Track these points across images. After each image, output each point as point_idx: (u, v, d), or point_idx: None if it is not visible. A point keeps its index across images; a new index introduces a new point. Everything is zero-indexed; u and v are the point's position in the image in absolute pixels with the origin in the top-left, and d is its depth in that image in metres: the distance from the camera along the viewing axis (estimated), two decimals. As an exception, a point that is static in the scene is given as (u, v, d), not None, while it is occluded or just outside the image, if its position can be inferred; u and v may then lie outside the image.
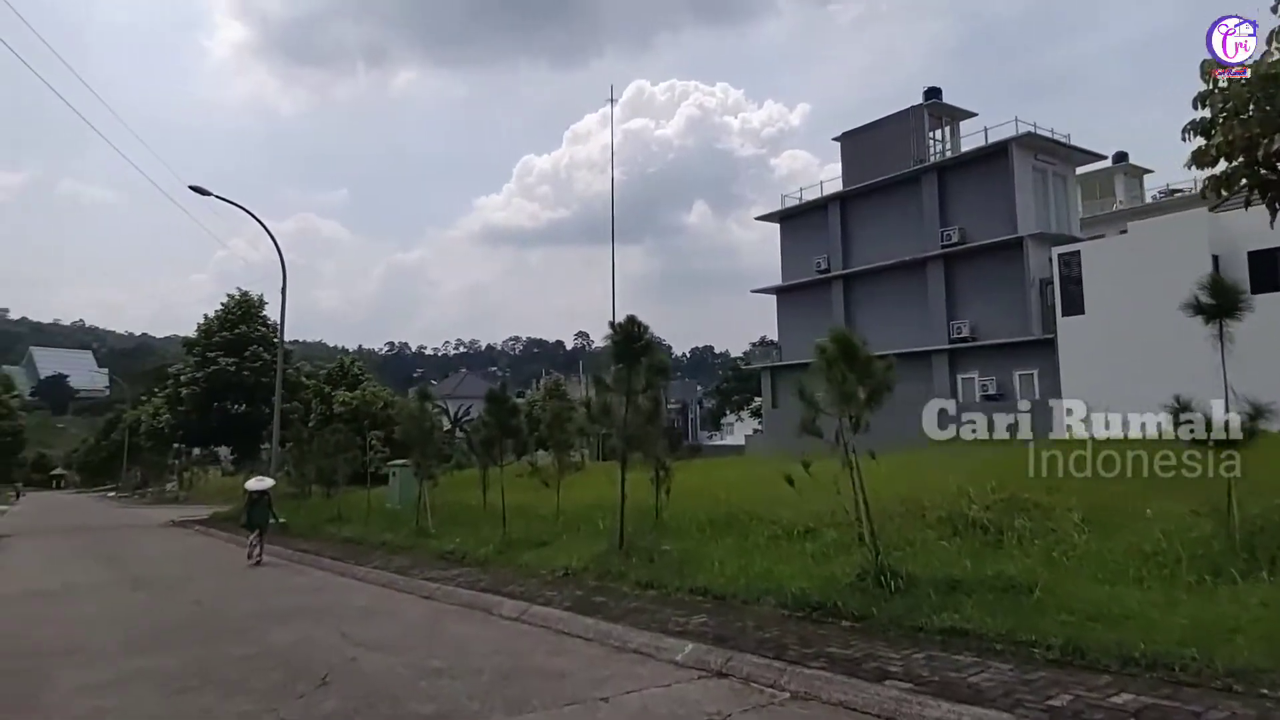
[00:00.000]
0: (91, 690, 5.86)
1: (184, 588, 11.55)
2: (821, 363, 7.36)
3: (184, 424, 29.83)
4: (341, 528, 17.51)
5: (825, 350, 7.26)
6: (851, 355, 7.04)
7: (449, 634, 7.47)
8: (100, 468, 63.55)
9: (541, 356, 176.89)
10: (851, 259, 37.28)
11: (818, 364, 7.50)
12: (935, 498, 10.56)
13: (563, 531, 12.81)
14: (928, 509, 10.14)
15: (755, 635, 6.29)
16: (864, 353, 7.16)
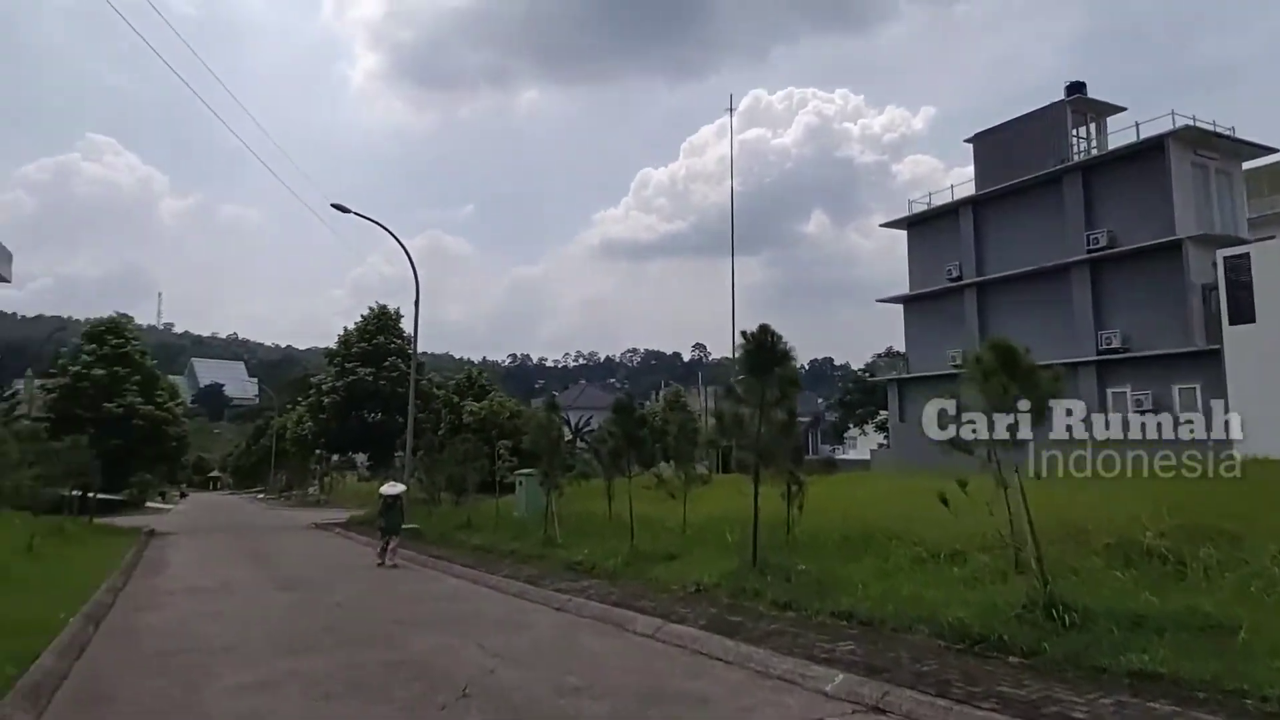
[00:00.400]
0: (247, 690, 6.03)
1: (327, 589, 11.97)
2: (977, 373, 6.81)
3: (324, 431, 31.48)
4: (471, 535, 17.88)
5: (982, 360, 6.71)
6: (1013, 365, 6.48)
7: (584, 649, 7.34)
8: (250, 471, 68.23)
9: (659, 368, 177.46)
10: (986, 266, 35.41)
11: (972, 374, 6.96)
12: (1097, 521, 9.72)
13: (691, 545, 12.57)
14: (1091, 534, 9.31)
15: (912, 668, 5.83)
16: (1027, 362, 6.58)
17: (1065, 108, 33.22)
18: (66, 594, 10.78)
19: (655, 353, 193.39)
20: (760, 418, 9.61)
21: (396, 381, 29.38)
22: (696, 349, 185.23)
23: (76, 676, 6.66)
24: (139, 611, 10.30)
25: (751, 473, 9.78)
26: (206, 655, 7.38)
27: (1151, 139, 29.24)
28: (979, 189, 36.00)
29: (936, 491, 8.47)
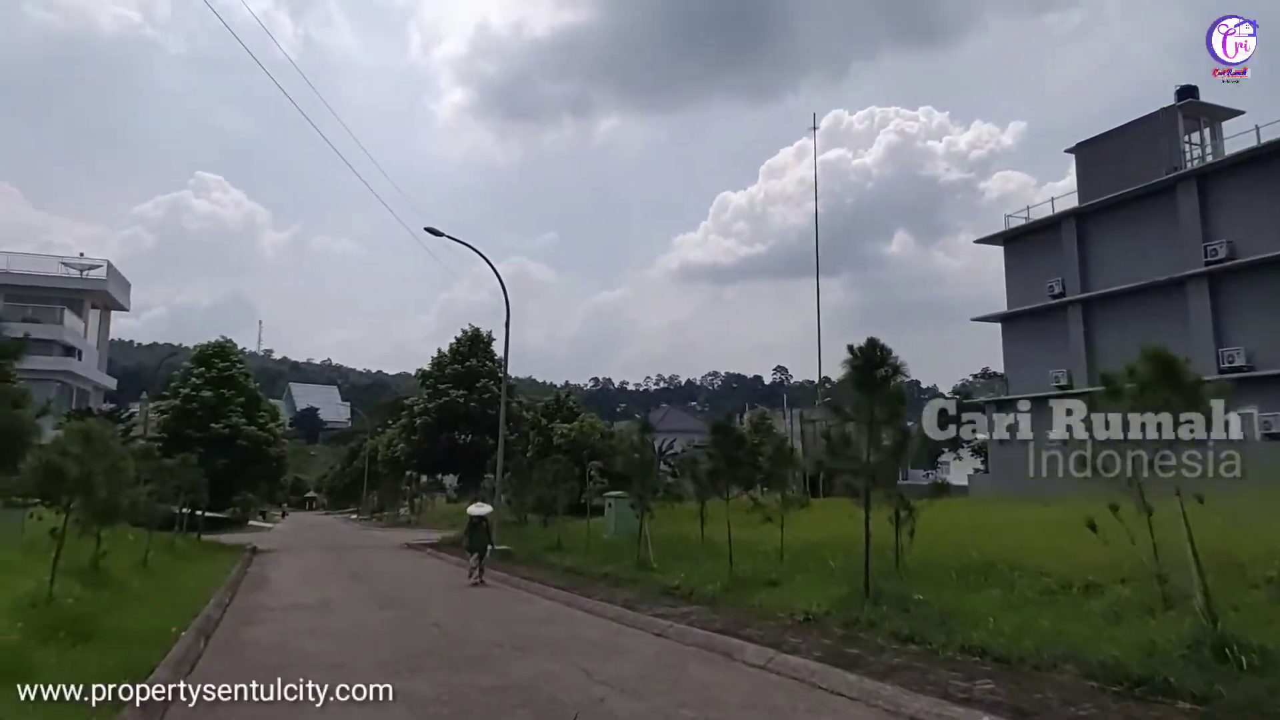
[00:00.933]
0: (355, 710, 5.90)
1: (424, 609, 11.93)
2: (1133, 387, 6.20)
3: (417, 451, 32.08)
4: (563, 557, 17.71)
5: (1138, 372, 6.11)
6: (1173, 377, 5.86)
7: (693, 678, 6.97)
8: (344, 492, 70.34)
9: (740, 391, 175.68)
10: (1091, 281, 33.70)
11: (1119, 388, 6.35)
12: (1246, 548, 8.87)
13: (791, 571, 12.06)
14: (1247, 565, 8.45)
15: (1065, 711, 5.28)
16: (1191, 374, 5.96)
17: (1176, 113, 31.49)
18: (178, 608, 11.04)
19: (736, 376, 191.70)
20: (869, 437, 9.11)
21: (487, 403, 29.75)
22: (778, 372, 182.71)
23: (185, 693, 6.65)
24: (245, 626, 10.45)
25: (861, 496, 9.24)
26: (311, 671, 7.30)
27: (1275, 142, 27.33)
28: (1082, 201, 34.40)
29: (1083, 518, 7.77)
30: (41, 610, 8.66)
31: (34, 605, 8.78)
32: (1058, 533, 13.37)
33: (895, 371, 9.10)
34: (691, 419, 76.30)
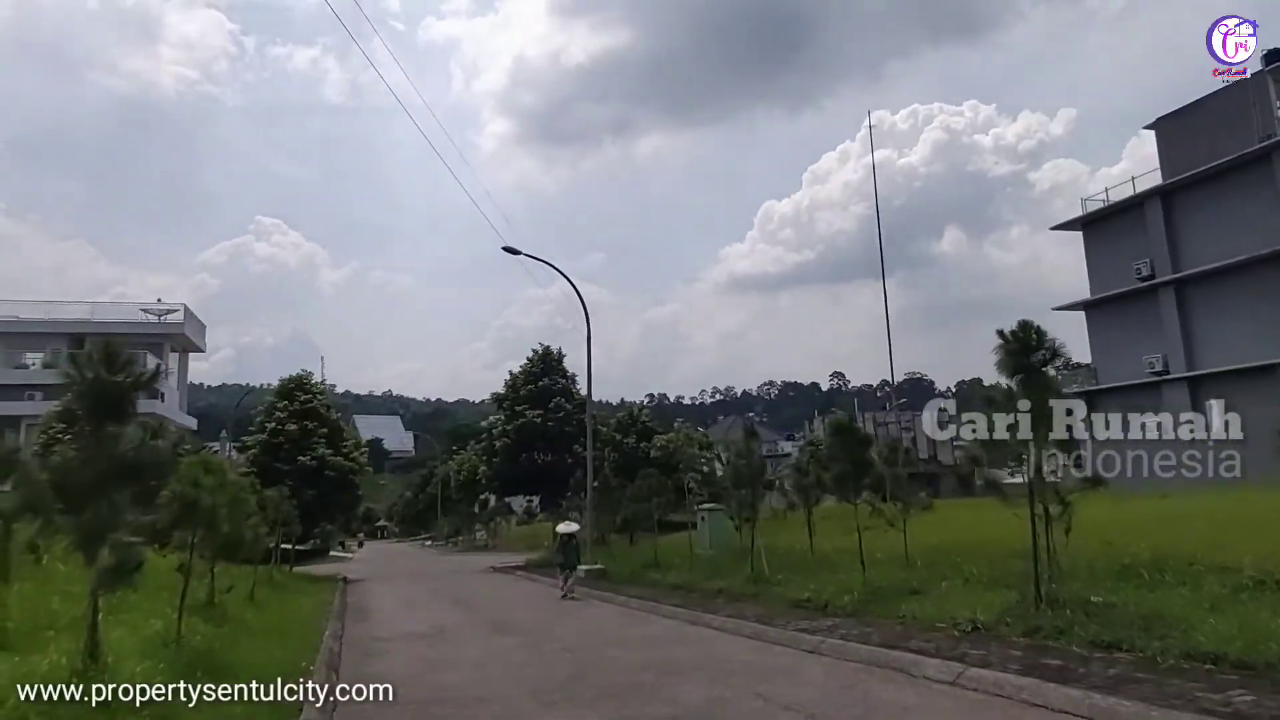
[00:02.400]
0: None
1: (545, 633, 11.49)
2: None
3: (498, 473, 31.90)
4: (665, 574, 17.15)
5: None
6: None
7: (883, 700, 6.34)
8: (416, 519, 70.83)
9: (797, 399, 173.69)
10: (1182, 261, 32.09)
11: None
12: None
13: (929, 579, 11.31)
14: None
15: (1370, 725, 4.52)
16: None
17: (1266, 79, 29.85)
18: (296, 641, 10.81)
19: (792, 384, 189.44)
20: (1036, 429, 8.39)
21: (563, 421, 29.47)
22: (835, 378, 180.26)
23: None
24: (369, 658, 10.11)
25: (1028, 494, 8.51)
26: (463, 707, 6.91)
27: (1383, 100, 25.72)
28: (1165, 178, 32.86)
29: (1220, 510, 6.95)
30: (172, 649, 8.44)
31: (165, 644, 8.58)
32: (1204, 525, 12.46)
33: (1054, 355, 8.38)
34: (760, 429, 75.15)
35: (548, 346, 31.84)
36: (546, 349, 31.85)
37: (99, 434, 6.30)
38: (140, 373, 6.51)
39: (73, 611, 10.32)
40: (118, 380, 6.38)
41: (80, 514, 6.08)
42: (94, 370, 6.32)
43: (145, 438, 6.25)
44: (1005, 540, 13.06)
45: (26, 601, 9.23)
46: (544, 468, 29.85)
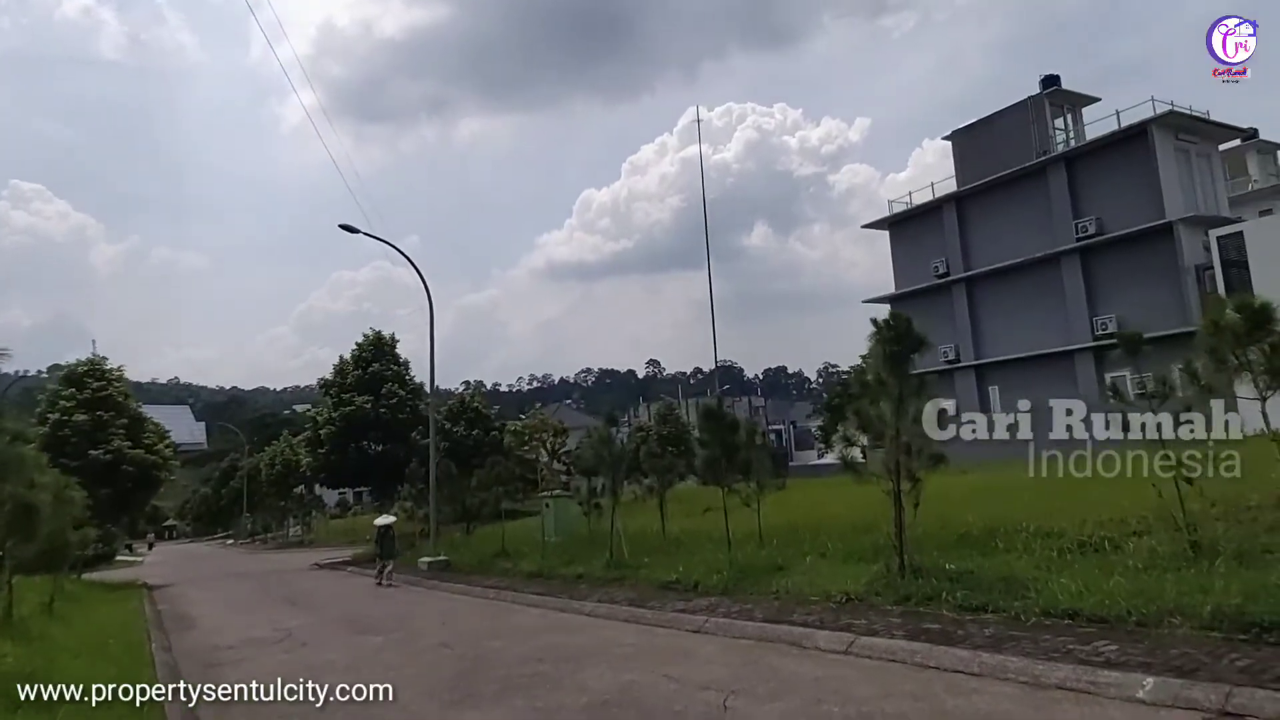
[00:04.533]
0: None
1: (408, 631, 10.95)
2: (1211, 336, 6.28)
3: (325, 465, 29.93)
4: (517, 563, 16.86)
5: (1221, 322, 6.18)
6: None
7: (788, 672, 6.56)
8: (215, 517, 65.26)
9: (614, 386, 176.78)
10: (973, 260, 35.64)
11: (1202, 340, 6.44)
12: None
13: (790, 555, 11.86)
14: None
15: (1220, 664, 5.22)
16: None
17: (1044, 100, 33.68)
18: (122, 657, 9.64)
19: (609, 371, 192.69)
20: (898, 412, 9.00)
21: (396, 409, 28.13)
22: (650, 365, 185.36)
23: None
24: (215, 669, 9.19)
25: (891, 471, 9.11)
26: (355, 712, 6.44)
27: (1135, 125, 29.75)
28: (960, 185, 36.28)
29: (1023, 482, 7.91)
30: (-22, 676, 7.25)
31: (-34, 670, 7.36)
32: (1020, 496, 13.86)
33: (921, 344, 9.02)
34: (580, 415, 75.68)
35: (379, 332, 30.29)
36: (378, 334, 30.24)
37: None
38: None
39: None
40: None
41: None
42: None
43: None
44: (845, 516, 14.02)
45: None
46: (375, 458, 28.38)
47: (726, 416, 11.85)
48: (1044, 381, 31.59)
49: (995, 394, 34.85)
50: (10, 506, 6.29)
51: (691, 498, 20.19)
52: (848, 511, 13.95)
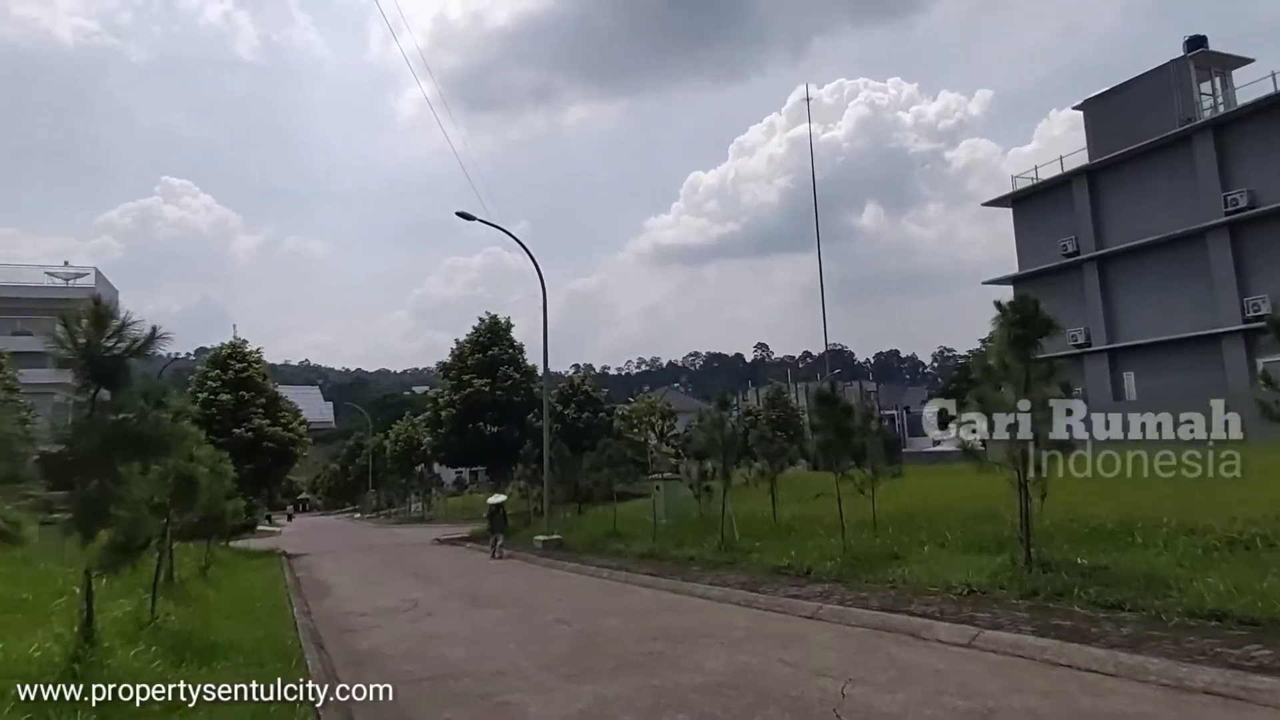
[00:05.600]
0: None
1: (528, 606, 11.33)
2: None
3: (444, 445, 31.23)
4: (628, 544, 17.13)
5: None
6: None
7: (908, 662, 6.43)
8: (343, 492, 69.23)
9: (722, 370, 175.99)
10: (1106, 238, 33.57)
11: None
12: None
13: (906, 543, 11.60)
14: None
15: (1396, 675, 4.80)
16: None
17: (1188, 64, 31.26)
18: (268, 619, 10.38)
19: (717, 355, 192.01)
20: (1024, 398, 8.62)
21: (511, 391, 29.03)
22: (759, 349, 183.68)
23: (366, 710, 6.02)
24: (353, 634, 9.81)
25: (1015, 460, 8.74)
26: (482, 682, 6.73)
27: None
28: (1093, 157, 34.19)
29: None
30: (150, 631, 7.98)
31: (141, 626, 8.11)
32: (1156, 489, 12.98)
33: (1050, 327, 8.61)
34: (688, 399, 75.78)
35: (495, 316, 31.23)
36: (494, 318, 31.20)
37: (95, 403, 5.84)
38: (136, 338, 6.02)
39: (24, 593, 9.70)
40: (110, 346, 5.91)
41: (78, 489, 5.63)
42: (86, 335, 5.83)
43: (148, 408, 5.81)
44: (963, 505, 13.56)
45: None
46: (491, 438, 29.36)
47: (840, 401, 11.64)
48: (1185, 368, 29.58)
49: (1130, 380, 32.85)
50: (174, 478, 6.91)
51: (802, 483, 19.99)
52: (966, 500, 13.50)
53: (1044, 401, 8.79)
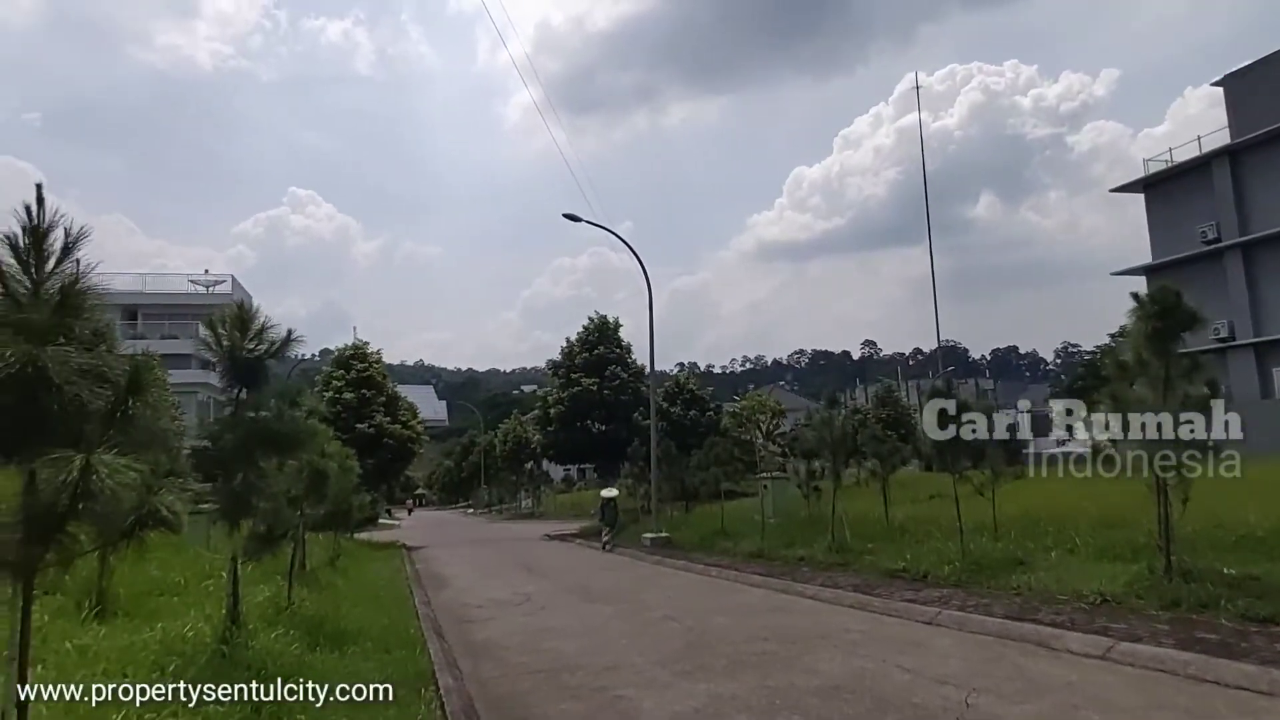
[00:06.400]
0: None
1: (637, 602, 11.43)
2: None
3: (554, 442, 31.96)
4: (737, 543, 17.03)
5: None
6: None
7: (1037, 673, 6.15)
8: (456, 487, 71.71)
9: (828, 368, 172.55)
10: (1252, 223, 31.03)
11: None
12: None
13: (1031, 549, 11.07)
14: None
15: None
16: None
17: (1348, 30, 28.53)
18: (392, 608, 10.85)
19: (823, 352, 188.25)
20: (1164, 396, 8.08)
21: (619, 390, 29.41)
22: (866, 346, 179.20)
23: (486, 700, 6.22)
24: (470, 625, 10.14)
25: (1153, 463, 8.21)
26: (595, 675, 6.83)
27: None
28: (1235, 137, 31.65)
29: None
30: (287, 616, 8.49)
31: (279, 610, 8.64)
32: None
33: (1194, 320, 8.04)
34: (794, 397, 74.74)
35: (604, 316, 31.69)
36: (603, 318, 31.66)
37: (238, 402, 6.25)
38: (273, 340, 6.41)
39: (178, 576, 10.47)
40: (251, 348, 6.31)
41: (224, 481, 6.04)
42: (230, 338, 6.25)
43: (284, 406, 6.18)
44: (1093, 510, 12.85)
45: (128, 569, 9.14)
46: (599, 437, 29.80)
47: (957, 399, 11.20)
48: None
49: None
50: (307, 472, 7.34)
51: (914, 483, 19.39)
52: (1096, 504, 12.80)
53: (1186, 400, 8.22)
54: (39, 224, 3.07)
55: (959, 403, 10.90)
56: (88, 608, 7.59)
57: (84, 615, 7.42)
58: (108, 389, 2.99)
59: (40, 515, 2.77)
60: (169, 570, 10.25)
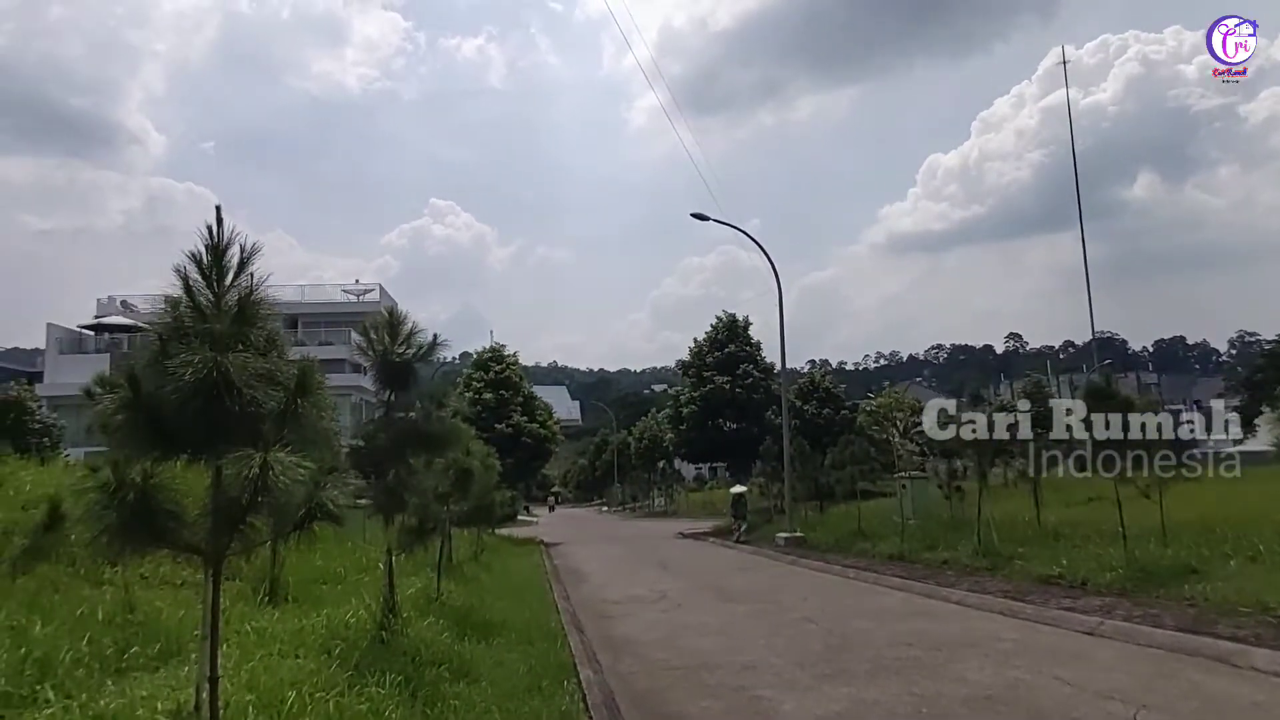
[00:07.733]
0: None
1: (773, 601, 11.35)
2: None
3: (685, 441, 32.15)
4: (874, 544, 16.55)
5: None
6: None
7: (1217, 692, 5.64)
8: (590, 485, 73.39)
9: (969, 363, 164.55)
10: None
11: None
12: None
13: (1206, 556, 10.17)
14: None
15: None
16: None
17: None
18: (533, 602, 11.21)
19: (963, 347, 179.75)
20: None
21: (751, 389, 29.23)
22: (1010, 339, 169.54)
23: (626, 694, 6.32)
24: (608, 620, 10.33)
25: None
26: (734, 674, 6.82)
27: None
28: None
29: None
30: (436, 606, 8.93)
31: (429, 601, 9.11)
32: None
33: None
34: (933, 394, 71.75)
35: (733, 314, 31.61)
36: (732, 317, 31.56)
37: (389, 403, 6.63)
38: (421, 344, 6.75)
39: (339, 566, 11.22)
40: (401, 352, 6.66)
41: (379, 478, 6.42)
42: (382, 343, 6.63)
43: (431, 407, 6.51)
44: (1275, 512, 11.68)
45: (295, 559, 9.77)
46: (731, 435, 29.69)
47: (1117, 395, 10.43)
48: None
49: None
50: (453, 470, 7.70)
51: (1068, 485, 18.19)
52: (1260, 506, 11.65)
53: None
54: (218, 242, 3.36)
55: (1123, 400, 10.13)
56: (262, 594, 8.30)
57: (259, 600, 8.12)
58: (279, 391, 3.24)
59: (226, 508, 3.04)
60: (331, 560, 10.99)
